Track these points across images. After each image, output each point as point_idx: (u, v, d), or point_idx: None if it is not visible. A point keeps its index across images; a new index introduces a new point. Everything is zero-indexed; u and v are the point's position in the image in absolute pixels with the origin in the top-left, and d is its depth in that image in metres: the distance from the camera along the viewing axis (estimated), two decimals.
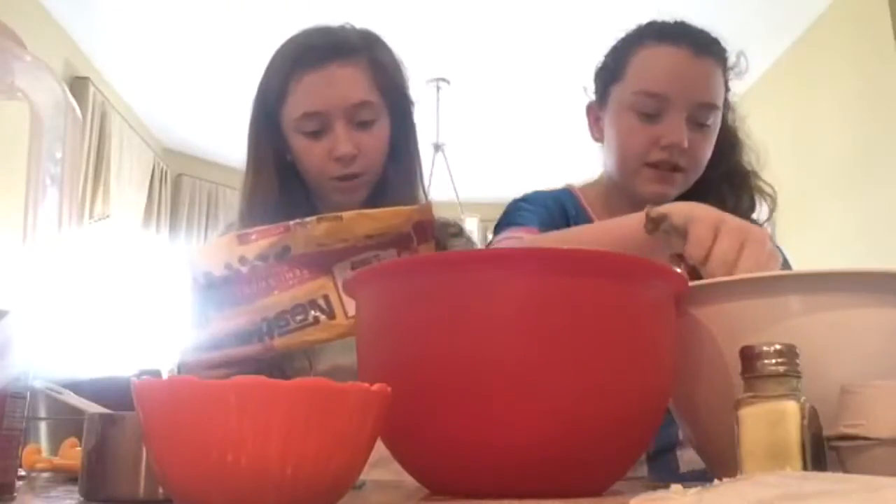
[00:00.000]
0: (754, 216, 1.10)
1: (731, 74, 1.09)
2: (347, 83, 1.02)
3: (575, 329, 0.52)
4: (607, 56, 1.11)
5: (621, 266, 0.57)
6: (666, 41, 1.03)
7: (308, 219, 0.83)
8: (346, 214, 0.82)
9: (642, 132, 1.01)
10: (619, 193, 1.09)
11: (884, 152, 2.93)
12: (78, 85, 3.59)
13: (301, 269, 0.83)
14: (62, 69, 3.48)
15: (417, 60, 4.55)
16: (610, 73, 1.08)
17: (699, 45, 1.03)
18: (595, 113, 1.13)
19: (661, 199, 1.01)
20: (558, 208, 1.13)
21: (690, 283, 0.62)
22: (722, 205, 1.01)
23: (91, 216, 3.74)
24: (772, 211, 1.11)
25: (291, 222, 0.83)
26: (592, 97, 1.14)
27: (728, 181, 1.08)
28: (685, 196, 1.05)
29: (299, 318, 0.83)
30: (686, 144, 1.00)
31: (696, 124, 1.01)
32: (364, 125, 1.03)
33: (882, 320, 0.59)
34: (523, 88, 4.23)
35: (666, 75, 1.01)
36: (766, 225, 1.10)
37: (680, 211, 0.75)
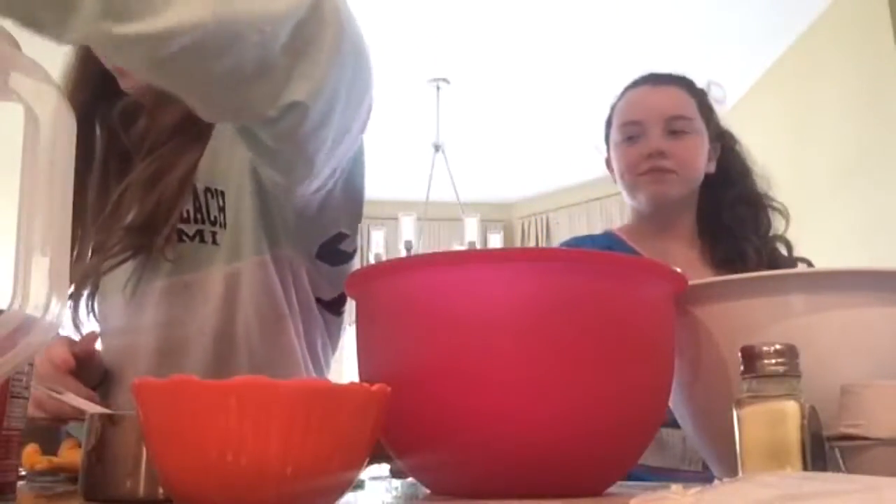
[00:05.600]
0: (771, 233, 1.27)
1: (714, 104, 1.31)
2: None
3: (574, 329, 0.52)
4: (606, 119, 1.35)
5: (621, 266, 0.57)
6: (634, 86, 1.32)
7: None
8: None
9: (630, 151, 1.26)
10: (646, 220, 1.28)
11: (884, 152, 2.93)
12: None
13: None
14: (62, 69, 3.47)
15: (417, 60, 4.54)
16: (607, 125, 1.34)
17: (657, 79, 1.30)
18: (609, 163, 1.36)
19: (662, 198, 1.23)
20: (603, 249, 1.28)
21: (691, 283, 0.62)
22: (742, 224, 1.24)
23: None
24: (787, 226, 1.29)
25: None
26: (605, 154, 1.36)
27: (743, 203, 1.27)
28: (703, 219, 1.27)
29: None
30: (664, 148, 1.21)
31: (672, 133, 1.23)
32: None
33: (886, 320, 0.59)
34: (523, 88, 4.23)
35: (635, 105, 1.28)
36: (779, 244, 1.27)
37: None
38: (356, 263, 0.94)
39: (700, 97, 1.28)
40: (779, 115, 3.68)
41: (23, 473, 0.70)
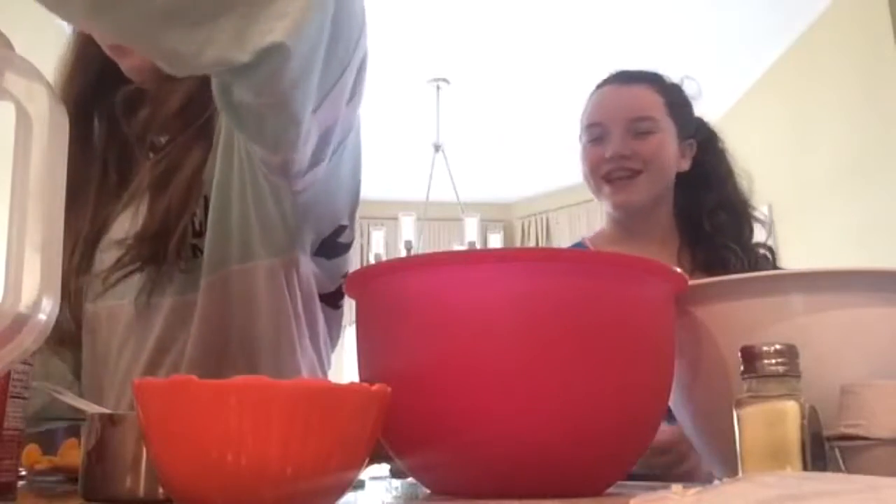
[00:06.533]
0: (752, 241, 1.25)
1: (694, 102, 1.29)
2: None
3: (575, 329, 0.52)
4: (580, 118, 1.33)
5: (621, 266, 0.57)
6: (602, 85, 1.30)
7: None
8: None
9: (592, 153, 1.25)
10: (619, 224, 1.28)
11: (884, 152, 2.93)
12: None
13: None
14: (55, 65, 3.46)
15: (417, 60, 4.54)
16: (580, 127, 1.32)
17: (623, 77, 1.29)
18: None
19: (627, 206, 1.22)
20: None
21: (691, 283, 0.62)
22: (722, 231, 1.21)
23: None
24: (768, 236, 1.28)
25: None
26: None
27: (725, 210, 1.25)
28: (682, 222, 1.24)
29: None
30: (625, 151, 1.20)
31: (637, 134, 1.21)
32: None
33: (885, 320, 0.59)
34: (523, 88, 4.23)
35: (598, 106, 1.27)
36: (764, 251, 1.25)
37: None
38: (353, 255, 0.93)
39: (669, 94, 1.26)
40: (779, 115, 3.68)
41: (23, 473, 0.70)
